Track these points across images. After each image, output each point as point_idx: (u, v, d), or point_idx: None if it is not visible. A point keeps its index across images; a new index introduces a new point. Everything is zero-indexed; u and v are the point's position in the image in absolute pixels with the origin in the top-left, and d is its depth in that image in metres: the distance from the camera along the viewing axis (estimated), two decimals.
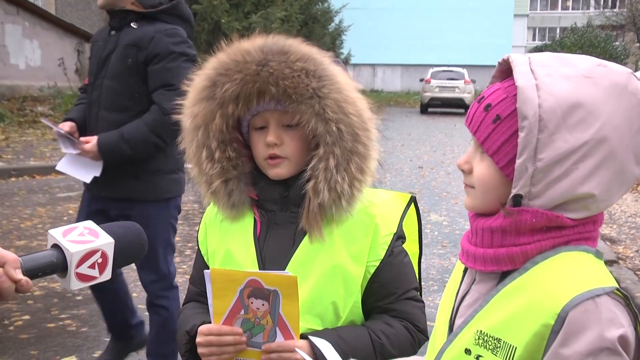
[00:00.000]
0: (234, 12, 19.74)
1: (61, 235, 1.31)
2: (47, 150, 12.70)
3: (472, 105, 1.36)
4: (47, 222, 7.92)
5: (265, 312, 1.59)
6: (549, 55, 1.32)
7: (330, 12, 25.44)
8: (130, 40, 3.46)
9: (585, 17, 49.28)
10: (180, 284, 5.91)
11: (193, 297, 1.94)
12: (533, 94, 1.22)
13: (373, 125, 1.77)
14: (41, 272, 1.28)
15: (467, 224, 6.10)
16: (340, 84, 1.71)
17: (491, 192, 1.32)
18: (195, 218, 8.52)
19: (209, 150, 1.74)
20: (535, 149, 1.22)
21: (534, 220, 1.25)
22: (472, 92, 27.60)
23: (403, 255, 1.83)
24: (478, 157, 1.35)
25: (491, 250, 1.31)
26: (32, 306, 5.31)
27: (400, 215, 1.85)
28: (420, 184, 11.48)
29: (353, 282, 1.74)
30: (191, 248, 7.10)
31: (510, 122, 1.27)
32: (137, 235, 1.42)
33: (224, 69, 1.70)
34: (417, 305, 1.84)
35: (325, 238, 1.73)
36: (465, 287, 1.43)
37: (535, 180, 1.23)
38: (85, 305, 5.37)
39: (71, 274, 1.29)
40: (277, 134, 1.73)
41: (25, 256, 1.27)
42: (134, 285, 5.85)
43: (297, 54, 1.70)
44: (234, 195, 1.77)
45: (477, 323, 1.32)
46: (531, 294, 1.25)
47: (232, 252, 1.80)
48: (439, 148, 16.90)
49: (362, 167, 1.72)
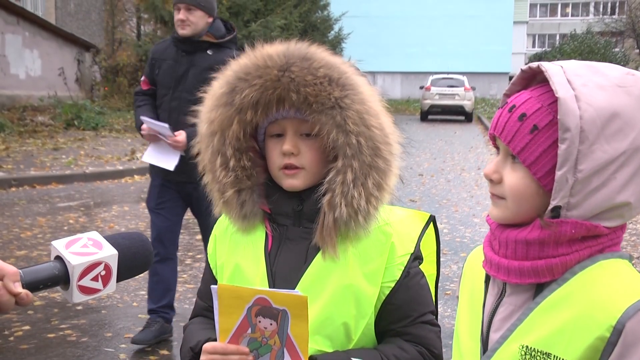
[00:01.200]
0: (233, 20, 19.78)
1: (64, 247, 1.29)
2: (48, 160, 12.71)
3: (501, 115, 1.34)
4: (47, 232, 7.92)
5: (273, 332, 1.53)
6: (579, 63, 1.32)
7: (329, 20, 25.54)
8: (209, 65, 4.07)
9: (585, 24, 49.38)
10: (180, 293, 5.94)
11: (200, 312, 1.88)
12: (574, 105, 1.22)
13: (395, 140, 1.69)
14: (42, 284, 1.26)
15: (467, 231, 6.12)
16: (364, 95, 1.64)
17: (525, 203, 1.30)
18: (195, 227, 8.48)
19: (223, 157, 1.67)
20: (576, 160, 1.22)
21: (573, 231, 1.25)
22: (472, 99, 27.63)
23: (420, 277, 1.75)
24: (509, 167, 1.33)
25: (528, 262, 1.29)
26: (33, 316, 5.30)
27: (418, 235, 1.77)
28: (420, 192, 11.48)
29: (366, 303, 1.67)
30: (192, 257, 7.09)
31: (548, 132, 1.26)
32: (142, 246, 1.40)
33: (244, 73, 1.64)
34: (432, 329, 1.75)
35: (339, 255, 1.65)
36: (493, 299, 1.40)
37: (574, 191, 1.23)
38: (86, 315, 5.36)
39: (73, 286, 1.27)
40: (294, 142, 1.66)
41: (26, 268, 1.25)
42: (134, 295, 5.85)
43: (321, 61, 1.63)
44: (246, 206, 1.70)
45: (519, 337, 1.30)
46: (579, 306, 1.24)
47: (241, 266, 1.73)
48: (439, 155, 16.90)
49: (380, 183, 1.65)
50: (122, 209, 9.53)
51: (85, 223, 8.56)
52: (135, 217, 9.04)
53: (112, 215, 9.10)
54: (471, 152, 17.94)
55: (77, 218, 8.80)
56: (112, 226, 8.32)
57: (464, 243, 7.95)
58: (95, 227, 8.31)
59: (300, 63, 1.62)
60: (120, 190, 11.14)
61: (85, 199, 10.25)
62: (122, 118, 20.90)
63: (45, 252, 7.01)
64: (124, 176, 12.30)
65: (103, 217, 8.99)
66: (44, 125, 17.06)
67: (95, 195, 10.56)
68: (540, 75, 1.32)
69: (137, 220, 8.81)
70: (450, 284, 6.41)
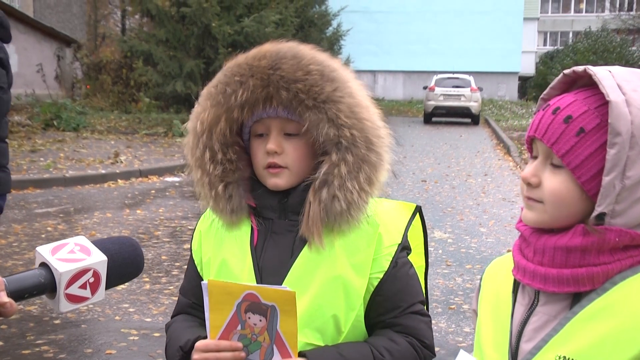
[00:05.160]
0: (225, 15, 19.83)
1: (49, 253, 1.29)
2: (24, 163, 12.71)
3: (543, 116, 1.38)
4: (23, 240, 7.90)
5: (262, 328, 1.61)
6: (625, 69, 1.37)
7: (327, 15, 25.57)
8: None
9: (600, 21, 49.50)
10: (166, 306, 5.94)
11: (183, 309, 1.95)
12: (625, 109, 1.26)
13: (386, 133, 1.80)
14: (27, 293, 1.25)
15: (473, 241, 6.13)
16: (352, 89, 1.75)
17: (565, 207, 1.34)
18: (183, 236, 8.51)
19: (211, 151, 1.78)
20: (625, 166, 1.26)
21: (617, 239, 1.28)
22: (479, 101, 27.66)
23: (408, 267, 1.84)
24: (549, 170, 1.36)
25: (567, 270, 1.32)
26: (6, 331, 5.28)
27: (405, 226, 1.87)
28: (423, 199, 11.50)
29: (355, 294, 1.75)
30: (179, 268, 7.09)
31: (595, 136, 1.30)
32: (133, 251, 1.41)
33: (239, 74, 1.75)
34: (423, 319, 1.84)
35: (325, 246, 1.74)
36: (524, 308, 1.43)
37: (620, 198, 1.27)
38: (64, 329, 5.35)
39: (60, 295, 1.27)
40: (278, 141, 1.76)
41: (9, 277, 1.24)
42: (116, 308, 5.85)
43: (310, 58, 1.74)
44: (233, 200, 1.80)
45: (555, 347, 1.33)
46: (622, 317, 1.27)
47: (227, 261, 1.81)
48: (443, 160, 16.93)
49: (371, 177, 1.75)
50: (105, 216, 9.52)
51: (64, 230, 8.55)
52: (118, 224, 9.04)
53: (93, 222, 9.09)
54: (478, 156, 17.97)
55: (56, 225, 8.79)
56: (94, 234, 8.31)
57: (469, 254, 7.96)
58: (76, 234, 8.26)
59: (290, 61, 1.73)
60: (102, 196, 11.13)
61: (65, 204, 10.24)
62: (104, 118, 20.91)
63: (20, 261, 7.00)
64: (107, 180, 12.31)
65: (84, 224, 8.99)
66: (21, 125, 17.05)
67: (75, 201, 10.55)
68: (582, 80, 1.37)
69: (120, 228, 8.81)
70: (454, 298, 6.41)
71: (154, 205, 10.38)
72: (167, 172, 13.45)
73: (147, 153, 15.28)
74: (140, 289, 6.36)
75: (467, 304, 6.24)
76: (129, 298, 6.10)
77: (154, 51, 19.95)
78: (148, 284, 6.50)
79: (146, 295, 6.23)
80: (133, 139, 17.61)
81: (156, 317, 5.68)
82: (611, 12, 52.44)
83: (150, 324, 5.54)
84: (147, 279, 6.62)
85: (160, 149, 16.14)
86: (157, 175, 13.18)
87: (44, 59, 21.99)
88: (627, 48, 43.76)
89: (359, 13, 38.11)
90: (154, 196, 11.22)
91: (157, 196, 11.22)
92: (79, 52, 26.48)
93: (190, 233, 8.71)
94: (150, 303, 6.03)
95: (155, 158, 14.57)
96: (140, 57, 20.49)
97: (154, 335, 5.28)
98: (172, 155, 15.04)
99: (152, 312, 5.81)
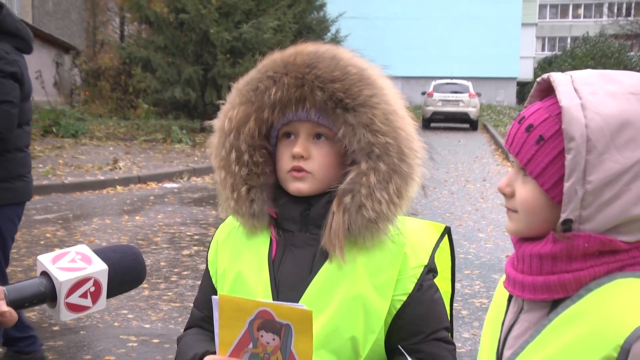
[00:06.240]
0: (223, 21, 19.83)
1: (50, 262, 1.29)
2: None
3: (512, 126, 1.37)
4: (22, 247, 7.90)
5: (275, 347, 1.52)
6: (592, 72, 1.34)
7: (326, 22, 25.57)
8: None
9: (598, 26, 49.63)
10: (165, 312, 5.94)
11: (196, 322, 1.88)
12: (579, 113, 1.24)
13: (420, 146, 1.74)
14: (28, 302, 1.25)
15: (471, 247, 6.17)
16: (389, 97, 1.69)
17: (536, 216, 1.34)
18: (182, 242, 8.52)
19: (238, 152, 1.71)
20: (584, 170, 1.23)
21: (586, 245, 1.26)
22: (478, 106, 27.69)
23: (434, 291, 1.74)
24: (520, 180, 1.36)
25: (541, 277, 1.32)
26: None
27: (433, 247, 1.76)
28: (421, 204, 11.48)
29: (376, 316, 1.65)
30: (177, 274, 7.09)
31: (554, 143, 1.29)
32: (134, 260, 1.40)
33: (272, 70, 1.68)
34: (446, 347, 1.74)
35: (346, 261, 1.65)
36: (512, 316, 1.43)
37: (585, 203, 1.25)
38: (63, 336, 5.35)
39: (61, 304, 1.27)
40: (305, 145, 1.68)
41: (10, 285, 1.24)
42: (115, 314, 5.84)
43: (348, 59, 1.69)
44: (255, 204, 1.72)
45: (529, 354, 1.32)
46: (590, 323, 1.25)
47: (243, 274, 1.74)
48: (442, 166, 16.93)
49: (400, 190, 1.66)
50: (104, 222, 9.52)
51: (63, 237, 8.55)
52: (117, 230, 9.04)
53: (92, 229, 9.09)
54: (476, 162, 17.99)
55: (55, 232, 8.79)
56: (93, 240, 8.31)
57: (468, 260, 7.97)
58: (75, 241, 8.29)
59: (328, 60, 1.66)
60: (101, 202, 11.13)
61: (64, 211, 10.24)
62: (103, 125, 20.92)
63: (19, 268, 7.00)
64: (106, 187, 12.30)
65: (83, 230, 8.98)
66: None
67: (74, 207, 10.55)
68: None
69: (119, 234, 8.81)
70: (453, 303, 6.41)
71: (152, 212, 10.38)
72: (165, 179, 13.45)
73: (146, 159, 15.27)
74: (139, 295, 6.35)
75: (466, 310, 6.25)
76: (127, 304, 6.10)
77: (153, 58, 19.94)
78: (147, 290, 6.50)
79: (145, 301, 6.23)
80: (132, 145, 17.60)
81: (155, 324, 5.68)
82: (609, 17, 52.60)
83: (149, 330, 5.53)
84: (146, 285, 6.61)
85: (159, 155, 16.14)
86: (155, 182, 13.18)
87: (43, 65, 21.99)
88: (625, 53, 43.88)
89: (357, 19, 38.15)
90: (153, 202, 11.22)
91: (155, 202, 11.22)
92: (78, 59, 26.51)
93: (188, 239, 8.75)
94: (149, 309, 6.03)
95: (154, 164, 14.57)
96: (139, 64, 20.47)
97: (152, 341, 5.27)
98: (170, 162, 15.05)
99: (151, 318, 5.81)
